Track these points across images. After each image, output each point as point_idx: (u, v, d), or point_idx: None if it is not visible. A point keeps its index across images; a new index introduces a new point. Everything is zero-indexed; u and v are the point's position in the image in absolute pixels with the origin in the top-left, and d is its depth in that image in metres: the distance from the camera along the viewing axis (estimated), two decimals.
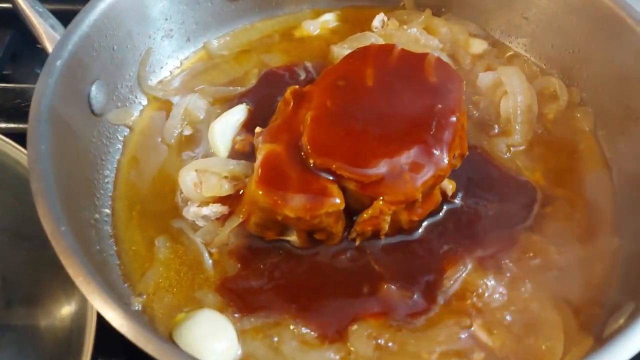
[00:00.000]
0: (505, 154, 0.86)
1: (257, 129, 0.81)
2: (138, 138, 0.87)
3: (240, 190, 0.78)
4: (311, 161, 0.73)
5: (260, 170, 0.73)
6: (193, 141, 0.86)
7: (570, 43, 0.90)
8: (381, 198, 0.72)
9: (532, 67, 0.95)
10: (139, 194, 0.81)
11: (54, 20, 0.76)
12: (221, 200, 0.77)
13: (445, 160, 0.74)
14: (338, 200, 0.72)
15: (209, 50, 0.97)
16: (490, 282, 0.72)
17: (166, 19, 0.90)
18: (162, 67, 0.93)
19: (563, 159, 0.86)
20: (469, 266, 0.74)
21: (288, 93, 0.82)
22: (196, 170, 0.77)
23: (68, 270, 0.53)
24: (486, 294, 0.72)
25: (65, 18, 0.78)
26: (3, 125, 0.92)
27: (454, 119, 0.77)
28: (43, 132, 0.64)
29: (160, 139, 0.86)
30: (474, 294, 0.72)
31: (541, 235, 0.77)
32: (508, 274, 0.73)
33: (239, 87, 0.92)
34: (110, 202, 0.79)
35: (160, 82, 0.93)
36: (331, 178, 0.72)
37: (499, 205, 0.80)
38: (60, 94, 0.69)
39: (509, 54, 0.98)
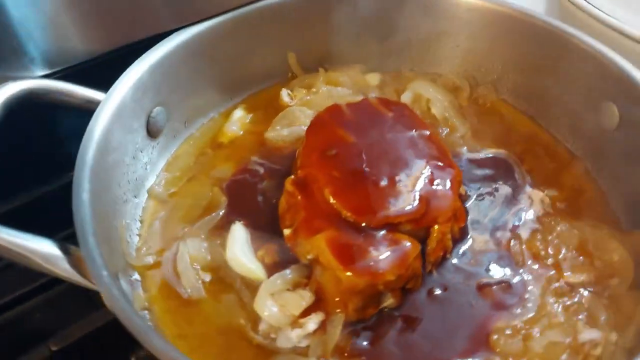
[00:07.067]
0: (463, 146, 0.98)
1: (286, 232, 0.79)
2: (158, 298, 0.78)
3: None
4: (364, 224, 0.75)
5: (335, 258, 0.72)
6: (221, 283, 0.79)
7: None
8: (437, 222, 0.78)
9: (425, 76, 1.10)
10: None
11: None
12: (309, 310, 0.73)
13: (453, 167, 0.84)
14: (410, 244, 0.75)
15: (157, 197, 0.90)
16: None
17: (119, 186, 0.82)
18: (130, 236, 0.84)
19: (499, 125, 1.02)
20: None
21: (289, 186, 0.82)
22: (270, 295, 0.72)
23: None
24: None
25: None
26: None
27: (427, 132, 0.88)
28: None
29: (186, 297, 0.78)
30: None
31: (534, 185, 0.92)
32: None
33: (218, 211, 0.87)
34: None
35: (138, 250, 0.83)
36: (387, 231, 0.76)
37: (494, 182, 0.92)
38: None
39: (399, 74, 1.12)
